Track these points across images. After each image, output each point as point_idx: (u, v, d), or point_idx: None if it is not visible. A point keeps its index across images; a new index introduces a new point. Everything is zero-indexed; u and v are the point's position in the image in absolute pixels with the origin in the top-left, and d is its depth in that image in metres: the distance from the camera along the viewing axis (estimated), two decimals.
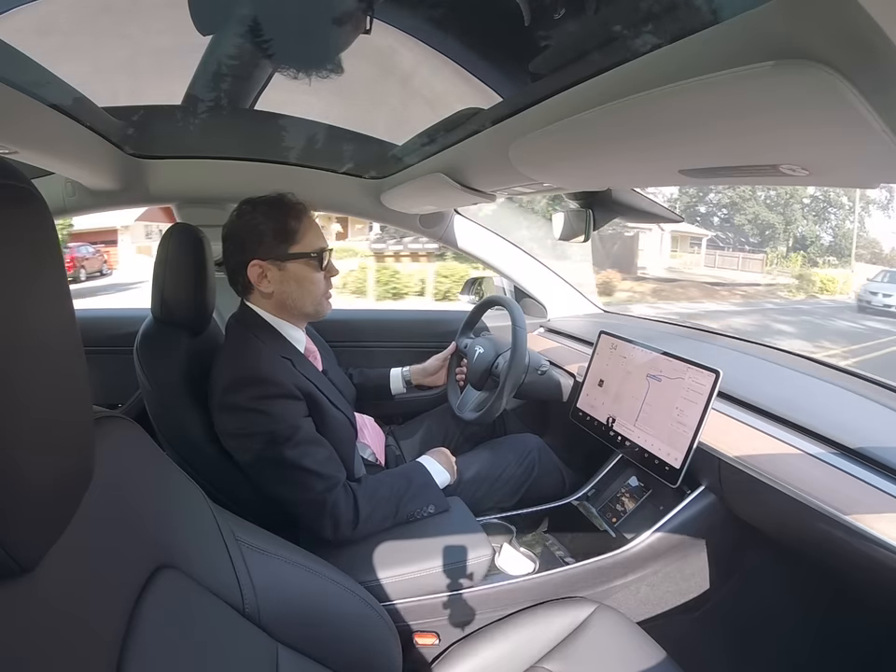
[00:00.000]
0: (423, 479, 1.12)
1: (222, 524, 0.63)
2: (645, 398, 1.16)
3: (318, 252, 1.08)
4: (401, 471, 1.15)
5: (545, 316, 2.03)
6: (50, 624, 0.37)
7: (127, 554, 0.48)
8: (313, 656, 0.66)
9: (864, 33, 0.33)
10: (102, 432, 0.50)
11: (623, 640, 0.93)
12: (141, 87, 1.09)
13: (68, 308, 0.38)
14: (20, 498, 0.34)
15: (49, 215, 0.36)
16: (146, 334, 1.14)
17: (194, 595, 0.54)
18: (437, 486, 1.12)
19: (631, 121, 0.60)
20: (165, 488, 0.58)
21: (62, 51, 0.88)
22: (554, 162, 0.91)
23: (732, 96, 0.45)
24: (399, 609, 0.96)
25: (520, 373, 1.31)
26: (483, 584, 1.01)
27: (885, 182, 0.55)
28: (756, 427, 1.01)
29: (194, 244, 1.14)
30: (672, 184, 0.88)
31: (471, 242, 1.87)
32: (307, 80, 0.89)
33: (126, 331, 1.41)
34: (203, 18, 0.78)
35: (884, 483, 0.79)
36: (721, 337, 1.50)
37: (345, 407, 1.18)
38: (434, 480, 1.13)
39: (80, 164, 1.20)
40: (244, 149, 1.47)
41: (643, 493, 1.19)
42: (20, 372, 0.33)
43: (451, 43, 0.85)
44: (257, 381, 0.99)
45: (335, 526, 0.97)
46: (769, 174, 0.61)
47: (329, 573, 0.73)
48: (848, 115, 0.40)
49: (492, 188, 1.21)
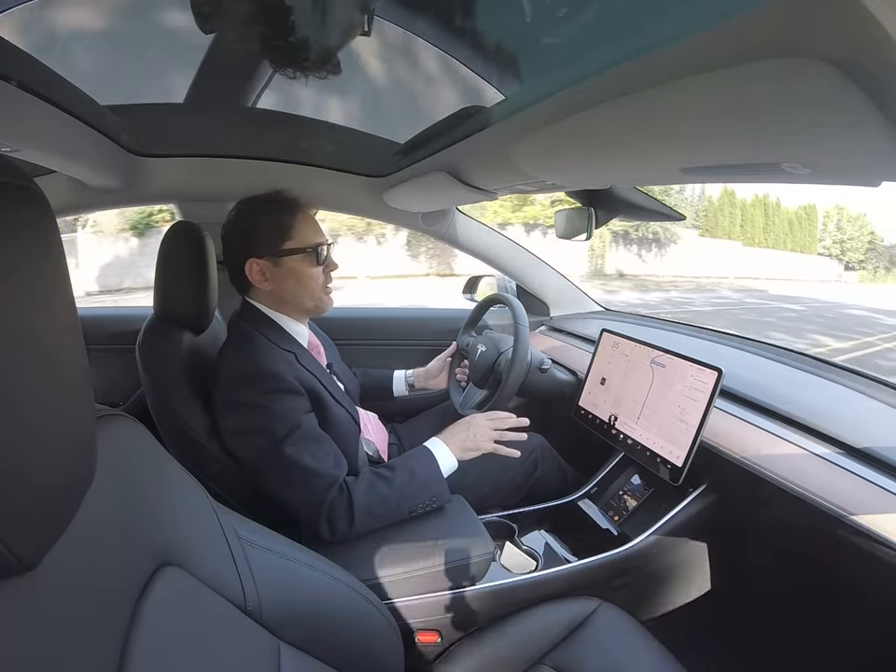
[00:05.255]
0: (427, 470, 1.06)
1: (224, 521, 0.63)
2: (647, 396, 1.16)
3: (314, 247, 1.09)
4: (405, 463, 1.08)
5: (547, 315, 2.02)
6: (52, 623, 0.38)
7: (129, 552, 0.48)
8: (314, 654, 0.66)
9: (866, 30, 0.33)
10: (104, 430, 0.50)
11: (626, 638, 0.93)
12: (143, 85, 1.09)
13: (70, 306, 0.38)
14: (21, 496, 0.34)
15: (50, 213, 0.36)
16: (147, 332, 1.15)
17: (196, 592, 0.54)
18: (441, 478, 1.07)
19: (633, 120, 0.60)
20: (167, 486, 0.58)
21: (63, 49, 0.88)
22: (556, 160, 0.91)
23: (733, 94, 0.45)
24: (400, 608, 0.96)
25: (522, 371, 1.31)
26: (485, 583, 1.01)
27: (887, 180, 0.55)
28: (759, 425, 1.01)
29: (196, 242, 1.15)
30: (674, 182, 0.88)
31: (473, 240, 1.87)
32: (305, 81, 0.89)
33: (128, 329, 1.42)
34: (204, 16, 0.78)
35: (889, 482, 0.79)
36: (722, 335, 1.49)
37: (348, 402, 1.18)
38: (440, 470, 1.07)
39: (82, 162, 1.20)
40: (246, 148, 1.47)
41: (645, 491, 1.19)
42: (21, 370, 0.33)
43: (453, 41, 0.85)
44: (259, 376, 0.99)
45: (332, 527, 0.97)
46: (771, 172, 0.61)
47: (331, 571, 0.73)
48: (850, 113, 0.40)
49: (494, 186, 1.21)
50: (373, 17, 0.73)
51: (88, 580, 0.42)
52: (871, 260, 36.49)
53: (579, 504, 1.25)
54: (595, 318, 1.92)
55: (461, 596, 0.99)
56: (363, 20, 0.71)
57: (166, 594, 0.49)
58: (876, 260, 36.87)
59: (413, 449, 1.12)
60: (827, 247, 35.09)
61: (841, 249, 35.09)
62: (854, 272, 35.28)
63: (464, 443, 1.12)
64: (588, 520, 1.20)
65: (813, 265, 31.94)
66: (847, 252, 35.15)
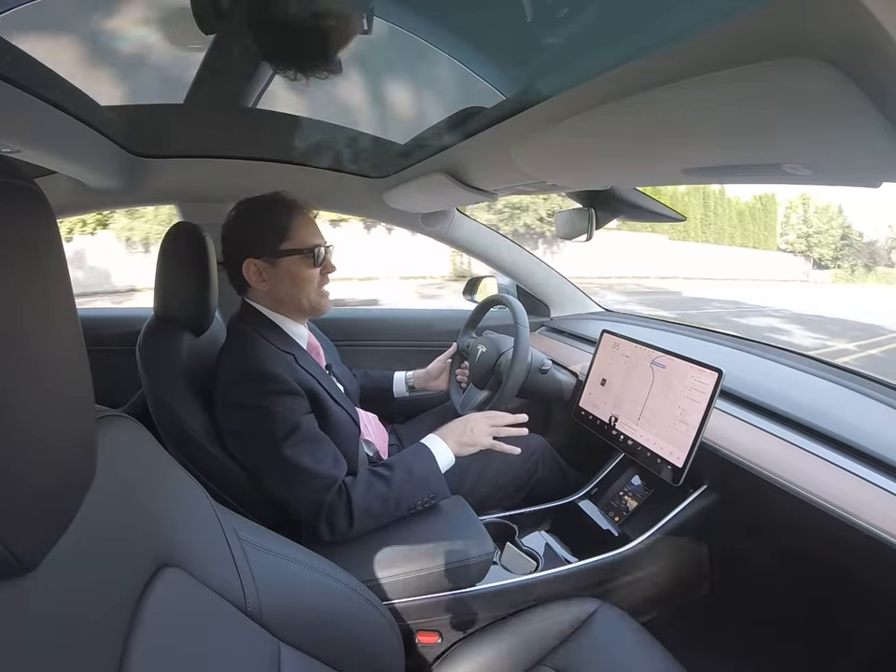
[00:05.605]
0: (425, 467, 1.06)
1: (224, 522, 0.63)
2: (647, 397, 1.16)
3: (312, 248, 1.09)
4: (403, 461, 1.08)
5: (547, 315, 2.02)
6: (53, 624, 0.38)
7: (129, 553, 0.48)
8: (315, 655, 0.66)
9: (867, 31, 0.33)
10: (104, 431, 0.50)
11: (626, 639, 0.93)
12: (143, 86, 1.09)
13: (71, 307, 0.38)
14: (21, 497, 0.34)
15: (51, 213, 0.36)
16: (148, 333, 1.15)
17: (197, 593, 0.54)
18: (440, 474, 1.06)
19: (633, 120, 0.60)
20: (167, 487, 0.58)
21: (64, 50, 0.88)
22: (557, 161, 0.91)
23: (734, 95, 0.45)
24: (401, 608, 0.96)
25: (522, 372, 1.31)
26: (485, 583, 1.01)
27: (887, 181, 0.55)
28: (759, 426, 1.01)
29: (196, 242, 1.15)
30: (675, 183, 0.88)
31: (473, 240, 1.87)
32: (305, 81, 0.89)
33: (128, 330, 1.42)
34: (205, 17, 0.78)
35: (890, 483, 0.79)
36: (723, 336, 1.49)
37: (348, 404, 1.18)
38: (437, 467, 1.07)
39: (82, 163, 1.20)
40: (246, 149, 1.47)
41: (646, 492, 1.19)
42: (22, 371, 0.33)
43: (454, 41, 0.85)
44: (259, 377, 1.00)
45: (332, 527, 0.97)
46: (772, 173, 0.61)
47: (331, 572, 0.73)
48: (851, 114, 0.40)
49: (494, 186, 1.21)
50: (373, 16, 0.73)
51: (88, 581, 0.42)
52: (847, 258, 33.21)
53: (579, 505, 1.25)
54: (596, 319, 1.92)
55: (461, 597, 0.99)
56: (363, 19, 0.72)
57: (166, 595, 0.49)
58: (854, 258, 33.57)
59: (411, 446, 1.12)
60: (790, 242, 31.61)
61: (807, 244, 31.66)
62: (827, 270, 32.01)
63: (461, 438, 1.12)
64: (588, 521, 1.20)
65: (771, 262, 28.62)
66: (814, 248, 31.65)
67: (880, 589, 0.84)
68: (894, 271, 34.11)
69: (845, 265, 32.87)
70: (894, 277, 32.66)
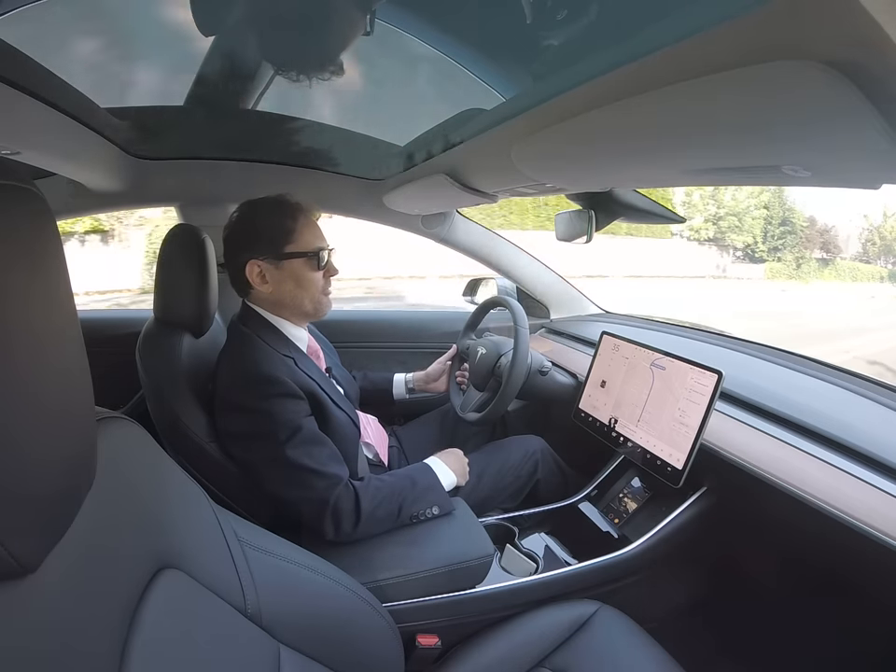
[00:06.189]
0: (428, 480, 1.10)
1: (224, 524, 0.63)
2: (647, 399, 1.16)
3: (315, 251, 1.09)
4: (406, 472, 1.14)
5: (547, 317, 2.02)
6: (52, 625, 0.37)
7: (129, 555, 0.48)
8: (314, 657, 0.66)
9: (866, 32, 0.33)
10: (104, 433, 0.50)
11: (626, 641, 0.93)
12: (143, 88, 1.09)
13: (71, 309, 0.38)
14: (22, 499, 0.34)
15: (51, 215, 0.36)
16: (147, 335, 1.15)
17: (196, 595, 0.54)
18: (442, 488, 1.11)
19: (634, 122, 0.60)
20: (167, 489, 0.58)
21: (64, 52, 0.88)
22: (557, 163, 0.91)
23: (734, 97, 0.45)
24: (400, 610, 0.96)
25: (522, 374, 1.31)
26: (485, 585, 1.01)
27: (887, 182, 0.55)
28: (759, 428, 1.01)
29: (196, 245, 1.15)
30: (675, 184, 0.88)
31: (473, 242, 1.87)
32: (307, 82, 0.89)
33: (128, 332, 1.42)
34: (204, 19, 0.78)
35: (889, 485, 0.79)
36: (723, 338, 1.49)
37: (348, 406, 1.18)
38: (440, 482, 1.12)
39: (82, 165, 1.20)
40: (246, 151, 1.48)
41: (645, 494, 1.19)
42: (21, 374, 0.33)
43: (453, 43, 0.85)
44: (259, 380, 1.00)
45: (336, 525, 0.97)
46: (771, 174, 0.61)
47: (331, 574, 0.73)
48: (851, 115, 0.40)
49: (494, 188, 1.21)
50: (375, 18, 0.73)
51: (88, 582, 0.42)
52: (792, 247, 23.96)
53: (579, 507, 1.25)
54: (595, 321, 1.92)
55: (461, 599, 0.99)
56: (365, 20, 0.72)
57: (166, 596, 0.49)
58: (800, 248, 24.36)
59: (412, 465, 1.19)
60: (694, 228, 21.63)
61: (719, 229, 22.04)
62: (762, 263, 23.29)
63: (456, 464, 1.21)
64: (588, 522, 1.20)
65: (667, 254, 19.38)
66: (727, 233, 22.13)
67: (880, 589, 0.83)
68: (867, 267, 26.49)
69: (787, 257, 24.29)
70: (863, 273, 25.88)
